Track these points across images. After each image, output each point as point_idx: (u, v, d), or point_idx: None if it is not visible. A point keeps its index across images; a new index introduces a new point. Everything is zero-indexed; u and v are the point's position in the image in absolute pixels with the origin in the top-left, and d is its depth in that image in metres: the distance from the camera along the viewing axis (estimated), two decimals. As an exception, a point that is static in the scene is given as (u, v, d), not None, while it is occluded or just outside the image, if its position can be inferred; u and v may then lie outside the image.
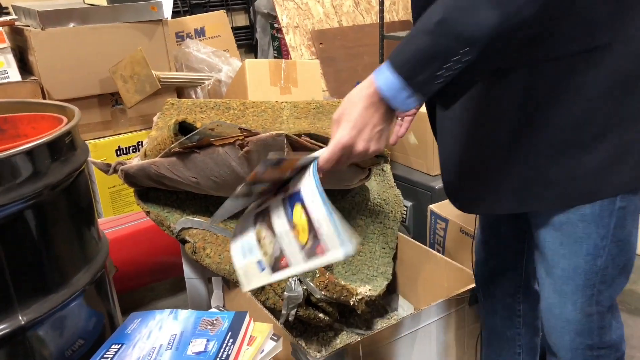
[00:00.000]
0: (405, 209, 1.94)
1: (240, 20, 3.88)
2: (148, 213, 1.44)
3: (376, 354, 1.22)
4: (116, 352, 1.05)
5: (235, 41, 2.84)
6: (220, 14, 2.80)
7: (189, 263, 1.52)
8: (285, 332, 1.19)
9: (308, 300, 1.39)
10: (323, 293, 1.36)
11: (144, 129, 2.26)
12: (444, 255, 1.58)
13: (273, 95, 2.02)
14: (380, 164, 1.46)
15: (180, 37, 2.64)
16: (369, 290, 1.43)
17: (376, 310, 1.66)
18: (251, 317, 1.11)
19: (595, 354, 1.02)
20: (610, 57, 0.83)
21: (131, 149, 2.23)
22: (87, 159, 1.12)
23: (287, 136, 1.13)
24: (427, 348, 1.33)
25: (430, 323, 1.30)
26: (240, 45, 3.60)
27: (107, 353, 1.05)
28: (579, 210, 0.93)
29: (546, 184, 0.92)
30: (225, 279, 1.44)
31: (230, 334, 1.06)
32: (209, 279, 1.56)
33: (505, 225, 1.15)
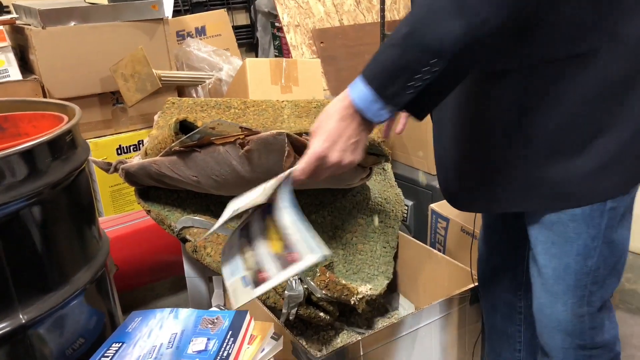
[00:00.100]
0: (406, 208, 1.94)
1: (241, 19, 3.88)
2: (149, 212, 1.44)
3: (377, 353, 1.22)
4: (117, 351, 1.05)
5: (236, 40, 2.83)
6: (221, 13, 2.79)
7: (189, 262, 1.52)
8: (286, 331, 1.19)
9: (309, 299, 1.39)
10: (324, 292, 1.36)
11: (144, 128, 2.26)
12: (444, 254, 1.58)
13: (274, 94, 2.02)
14: (381, 163, 1.45)
15: (181, 36, 2.63)
16: (370, 289, 1.43)
17: (377, 309, 1.66)
18: (252, 316, 1.11)
19: (588, 353, 1.02)
20: (599, 62, 0.84)
21: (132, 147, 2.23)
22: (88, 158, 1.12)
23: (288, 135, 1.12)
24: (428, 347, 1.33)
25: (431, 322, 1.30)
26: (241, 44, 3.60)
27: (108, 352, 1.05)
28: (570, 210, 0.93)
29: (537, 187, 0.93)
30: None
31: (230, 332, 1.06)
32: (210, 278, 1.56)
33: (507, 222, 1.16)
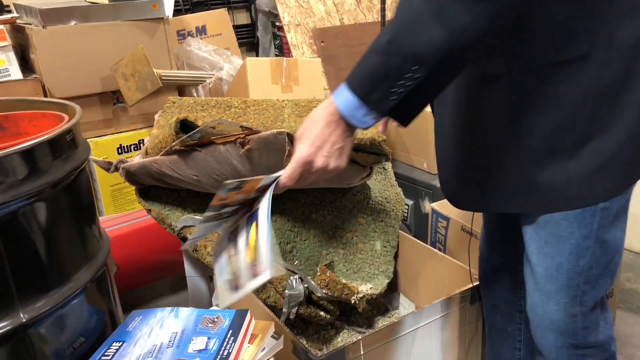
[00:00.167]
0: (406, 207, 1.94)
1: (242, 18, 3.89)
2: (149, 211, 1.44)
3: (377, 352, 1.22)
4: (117, 350, 1.05)
5: (236, 39, 2.83)
6: (222, 12, 2.79)
7: (190, 261, 1.52)
8: (286, 330, 1.19)
9: (309, 298, 1.39)
10: (324, 291, 1.36)
11: (145, 127, 2.26)
12: (445, 253, 1.58)
13: (274, 93, 2.02)
14: (381, 162, 1.45)
15: (182, 35, 2.63)
16: (370, 288, 1.43)
17: (377, 308, 1.66)
18: (252, 315, 1.11)
19: (581, 352, 1.02)
20: (590, 67, 0.85)
21: (132, 147, 2.23)
22: (89, 157, 1.12)
23: (289, 134, 1.12)
24: (428, 346, 1.33)
25: (431, 321, 1.30)
26: (242, 44, 3.61)
27: (108, 351, 1.05)
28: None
29: (531, 190, 0.93)
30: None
31: (231, 332, 1.06)
32: (210, 277, 1.56)
33: (507, 221, 1.16)
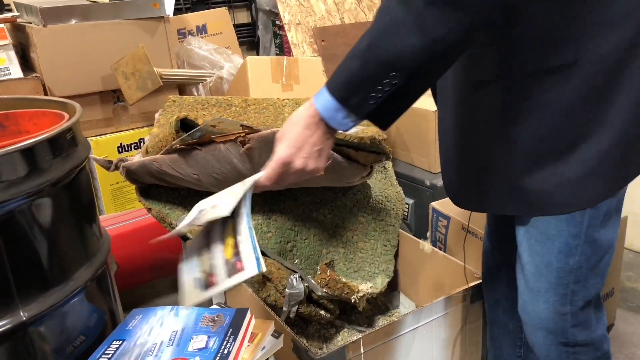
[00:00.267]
0: (406, 206, 1.94)
1: (242, 17, 3.88)
2: (149, 210, 1.44)
3: (377, 351, 1.22)
4: (117, 349, 1.05)
5: (237, 38, 2.83)
6: (222, 11, 2.79)
7: (190, 260, 1.52)
8: (287, 329, 1.19)
9: (309, 297, 1.39)
10: (324, 290, 1.36)
11: (145, 126, 2.26)
12: (445, 252, 1.58)
13: (275, 92, 2.02)
14: (382, 161, 1.45)
15: (182, 34, 2.63)
16: (370, 287, 1.43)
17: (377, 307, 1.66)
18: (252, 314, 1.11)
19: (571, 350, 1.03)
20: (575, 75, 0.86)
21: (133, 146, 2.23)
22: (89, 156, 1.12)
23: (289, 133, 1.12)
24: (428, 345, 1.33)
25: (431, 320, 1.30)
26: (242, 43, 3.60)
27: (108, 349, 1.05)
28: None
29: (522, 194, 0.95)
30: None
31: (231, 330, 1.06)
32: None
33: (508, 219, 1.16)
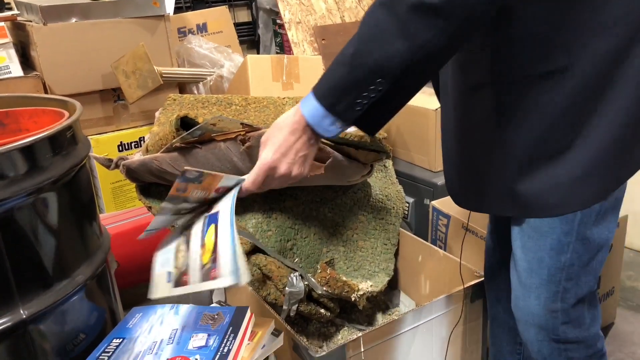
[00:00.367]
0: (407, 205, 1.94)
1: (243, 16, 3.88)
2: (150, 208, 1.44)
3: (377, 349, 1.22)
4: (117, 347, 1.05)
5: (237, 37, 2.83)
6: (223, 10, 2.79)
7: (190, 258, 1.52)
8: (287, 328, 1.19)
9: (309, 295, 1.39)
10: (324, 289, 1.36)
11: (146, 125, 2.26)
12: (445, 251, 1.58)
13: (275, 91, 2.02)
14: (382, 160, 1.45)
15: (183, 33, 2.63)
16: (371, 286, 1.43)
17: (377, 306, 1.66)
18: (252, 312, 1.11)
19: (563, 347, 1.04)
20: (568, 79, 0.87)
21: (133, 144, 2.23)
22: (89, 154, 1.12)
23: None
24: (428, 344, 1.33)
25: (432, 319, 1.30)
26: (243, 41, 3.60)
27: (108, 347, 1.05)
28: None
29: (517, 196, 0.96)
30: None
31: (231, 329, 1.06)
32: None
33: (506, 218, 1.16)
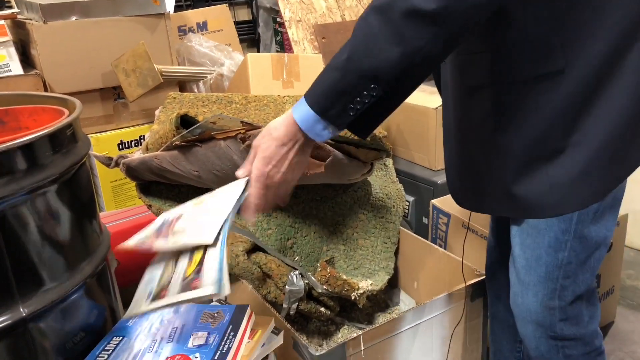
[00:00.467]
0: (407, 203, 1.94)
1: (243, 14, 3.88)
2: (150, 207, 1.44)
3: (377, 348, 1.22)
4: (117, 345, 1.05)
5: (237, 35, 2.83)
6: (223, 8, 2.79)
7: (190, 257, 1.52)
8: (287, 326, 1.19)
9: (309, 294, 1.39)
10: (324, 287, 1.36)
11: (146, 123, 2.26)
12: (445, 250, 1.58)
13: (275, 89, 2.02)
14: (382, 158, 1.45)
15: (183, 31, 2.63)
16: (371, 284, 1.43)
17: (377, 304, 1.66)
18: (252, 311, 1.11)
19: (560, 344, 1.05)
20: (566, 81, 0.88)
21: (133, 143, 2.23)
22: (89, 152, 1.12)
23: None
24: (428, 342, 1.33)
25: (432, 318, 1.30)
26: (243, 40, 3.59)
27: (109, 346, 1.05)
28: None
29: (514, 197, 0.97)
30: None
31: (231, 327, 1.06)
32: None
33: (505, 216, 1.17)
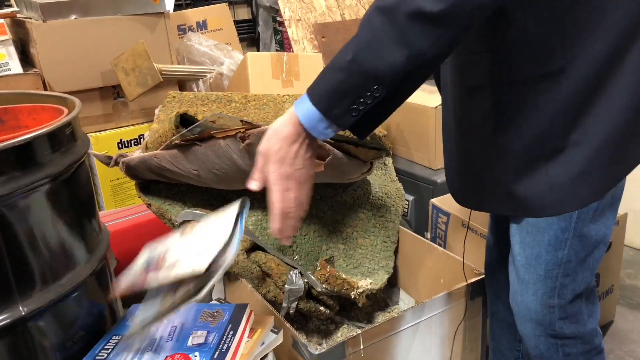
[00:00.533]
0: (406, 202, 1.94)
1: (243, 13, 3.87)
2: (149, 206, 1.44)
3: (377, 347, 1.22)
4: (117, 344, 1.05)
5: (237, 34, 2.82)
6: (223, 7, 2.79)
7: (190, 256, 1.52)
8: (286, 325, 1.19)
9: (309, 293, 1.39)
10: (324, 286, 1.36)
11: (145, 122, 2.25)
12: (445, 249, 1.58)
13: (275, 88, 2.02)
14: (382, 157, 1.45)
15: (182, 30, 2.63)
16: (370, 283, 1.43)
17: (377, 303, 1.66)
18: (252, 310, 1.11)
19: (560, 343, 1.05)
20: (565, 80, 0.89)
21: (133, 142, 2.23)
22: (88, 151, 1.12)
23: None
24: (428, 341, 1.33)
25: (431, 316, 1.30)
26: (243, 39, 3.59)
27: (108, 345, 1.05)
28: None
29: (515, 197, 0.97)
30: (226, 272, 1.44)
31: (230, 326, 1.06)
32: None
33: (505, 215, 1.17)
